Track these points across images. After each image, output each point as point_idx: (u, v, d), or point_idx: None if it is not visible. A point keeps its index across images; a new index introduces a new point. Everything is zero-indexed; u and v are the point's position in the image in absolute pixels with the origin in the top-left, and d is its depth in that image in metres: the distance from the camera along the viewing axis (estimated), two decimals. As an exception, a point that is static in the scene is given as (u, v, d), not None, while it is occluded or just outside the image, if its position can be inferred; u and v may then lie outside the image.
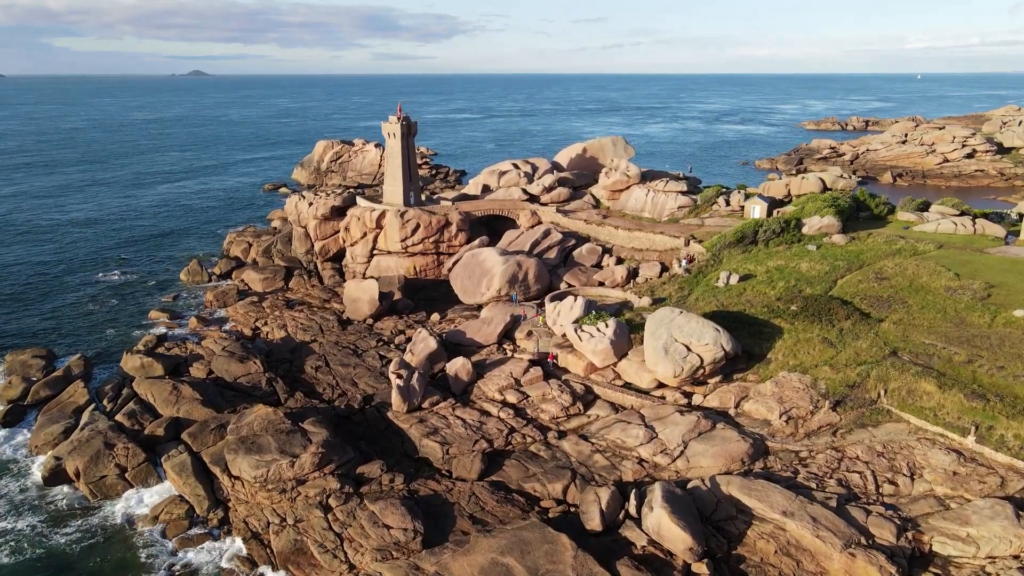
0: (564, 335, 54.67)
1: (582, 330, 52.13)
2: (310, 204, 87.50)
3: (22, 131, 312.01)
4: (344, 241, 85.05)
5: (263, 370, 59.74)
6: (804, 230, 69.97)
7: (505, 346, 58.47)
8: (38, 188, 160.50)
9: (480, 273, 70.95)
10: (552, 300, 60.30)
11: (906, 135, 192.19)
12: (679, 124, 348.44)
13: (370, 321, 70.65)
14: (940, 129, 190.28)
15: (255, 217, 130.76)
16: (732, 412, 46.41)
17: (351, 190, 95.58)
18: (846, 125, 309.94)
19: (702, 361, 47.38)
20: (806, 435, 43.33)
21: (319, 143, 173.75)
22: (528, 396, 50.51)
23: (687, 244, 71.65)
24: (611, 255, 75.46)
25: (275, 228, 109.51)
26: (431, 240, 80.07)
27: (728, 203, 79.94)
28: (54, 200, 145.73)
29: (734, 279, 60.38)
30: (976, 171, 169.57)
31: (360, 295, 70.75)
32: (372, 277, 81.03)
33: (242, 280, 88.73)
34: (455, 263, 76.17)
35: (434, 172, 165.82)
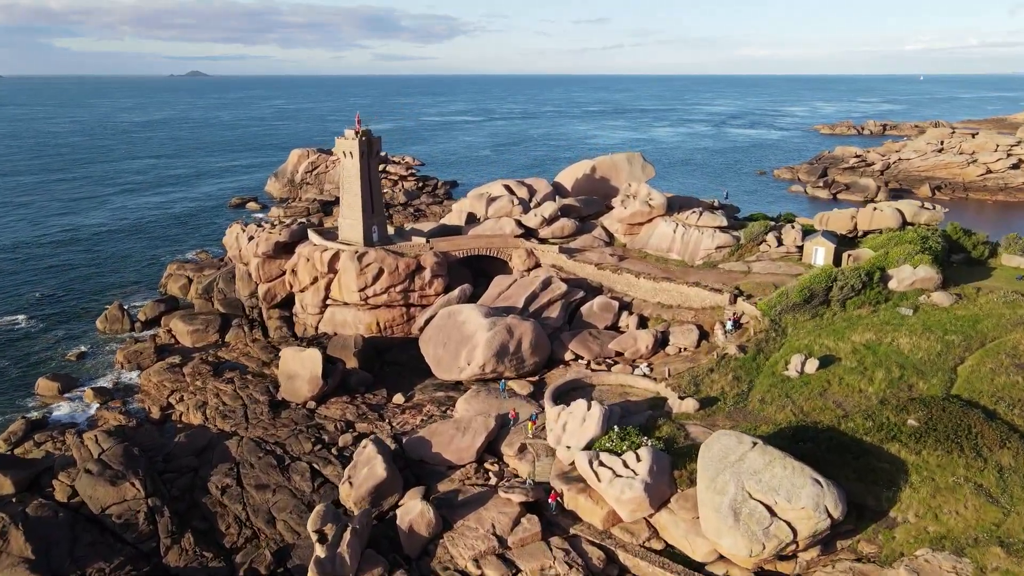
0: (573, 462, 37.06)
1: (601, 463, 34.53)
2: (251, 239, 69.80)
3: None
4: (292, 286, 67.39)
5: (144, 495, 42.18)
6: (891, 284, 52.35)
7: (487, 465, 40.91)
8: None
9: (459, 340, 53.34)
10: (555, 400, 42.53)
11: (942, 142, 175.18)
12: (686, 128, 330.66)
13: (312, 404, 53.07)
14: (974, 136, 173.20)
15: (211, 239, 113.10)
16: (846, 623, 28.90)
17: (301, 221, 77.70)
18: (862, 129, 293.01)
19: (795, 534, 29.80)
20: None
21: (293, 152, 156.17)
22: (519, 572, 32.97)
23: (733, 302, 54.03)
24: (631, 312, 57.75)
25: (221, 260, 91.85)
26: (398, 289, 62.11)
27: (780, 242, 62.08)
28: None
29: (811, 366, 42.78)
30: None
31: (299, 371, 53.04)
32: (324, 335, 63.59)
33: (169, 330, 71.25)
34: (427, 322, 58.55)
35: (420, 185, 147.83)
